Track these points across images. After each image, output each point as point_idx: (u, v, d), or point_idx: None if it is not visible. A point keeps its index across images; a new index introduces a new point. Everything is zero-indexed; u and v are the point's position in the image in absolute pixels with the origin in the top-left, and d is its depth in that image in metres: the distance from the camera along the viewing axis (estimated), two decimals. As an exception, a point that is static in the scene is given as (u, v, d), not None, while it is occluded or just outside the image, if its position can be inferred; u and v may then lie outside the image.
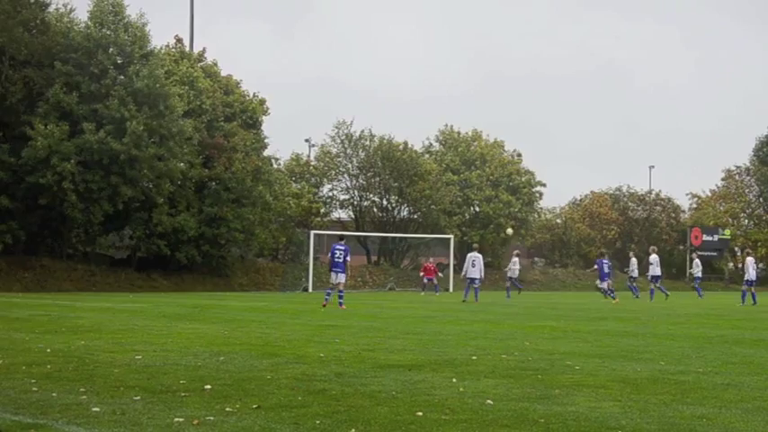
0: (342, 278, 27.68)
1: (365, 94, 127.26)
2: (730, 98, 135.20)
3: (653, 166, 77.71)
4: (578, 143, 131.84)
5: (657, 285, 39.23)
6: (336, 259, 27.76)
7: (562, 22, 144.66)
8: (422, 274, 47.82)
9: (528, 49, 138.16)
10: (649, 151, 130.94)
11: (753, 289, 33.78)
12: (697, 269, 43.62)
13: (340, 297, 27.34)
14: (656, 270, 39.04)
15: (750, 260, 34.66)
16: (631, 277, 41.96)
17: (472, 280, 34.78)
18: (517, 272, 44.82)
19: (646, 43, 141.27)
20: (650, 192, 72.58)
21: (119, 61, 42.99)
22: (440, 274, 48.59)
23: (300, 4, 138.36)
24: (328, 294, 28.13)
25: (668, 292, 40.60)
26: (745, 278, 33.97)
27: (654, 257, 39.50)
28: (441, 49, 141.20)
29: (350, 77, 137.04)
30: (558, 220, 68.08)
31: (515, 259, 44.82)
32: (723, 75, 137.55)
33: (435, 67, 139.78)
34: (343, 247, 28.09)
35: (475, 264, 34.76)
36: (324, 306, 27.05)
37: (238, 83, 51.09)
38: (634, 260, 42.35)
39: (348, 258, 27.91)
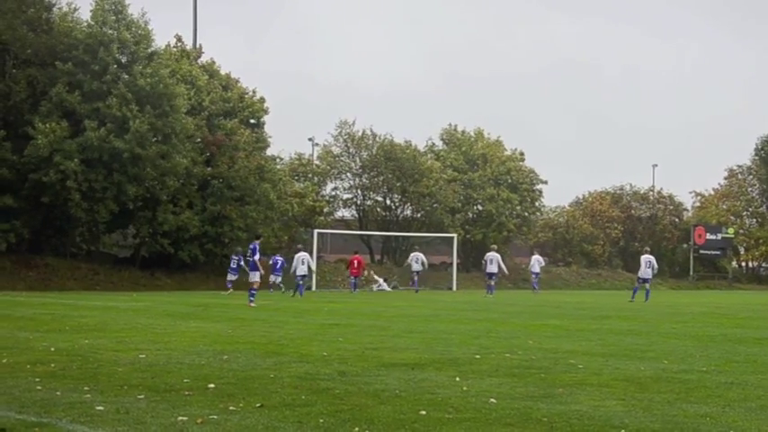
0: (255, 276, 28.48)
1: (361, 93, 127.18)
2: (733, 97, 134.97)
3: (656, 165, 77.64)
4: (580, 142, 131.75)
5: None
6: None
7: (560, 19, 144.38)
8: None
9: (524, 47, 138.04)
10: (653, 150, 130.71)
11: None
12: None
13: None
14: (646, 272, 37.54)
15: None
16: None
17: (490, 276, 39.50)
18: (537, 267, 45.63)
19: (649, 41, 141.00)
20: (652, 190, 72.55)
21: (122, 60, 43.01)
22: (365, 273, 48.60)
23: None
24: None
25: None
26: None
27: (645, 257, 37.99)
28: (434, 48, 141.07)
29: (336, 76, 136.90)
30: (561, 219, 68.03)
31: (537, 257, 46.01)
32: (726, 73, 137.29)
33: (435, 66, 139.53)
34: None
35: (492, 261, 39.60)
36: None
37: (237, 80, 51.11)
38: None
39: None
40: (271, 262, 41.70)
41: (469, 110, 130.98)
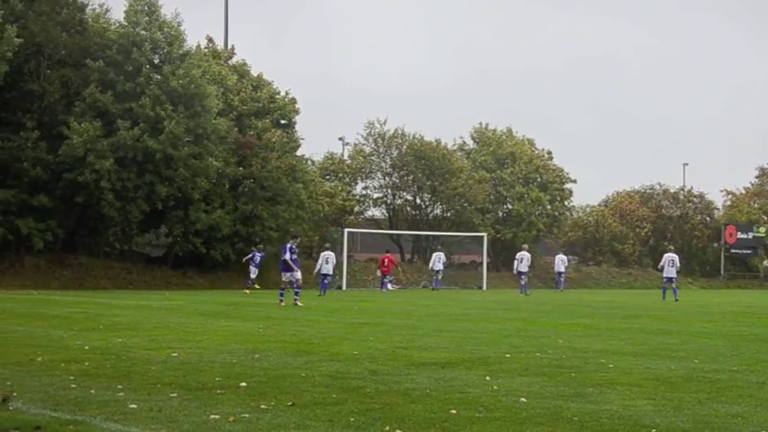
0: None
1: (383, 93, 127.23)
2: (763, 95, 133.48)
3: (687, 164, 77.03)
4: (611, 141, 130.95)
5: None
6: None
7: (583, 13, 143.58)
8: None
9: (546, 43, 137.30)
10: (683, 149, 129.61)
11: None
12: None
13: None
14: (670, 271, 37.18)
15: None
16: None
17: (520, 275, 40.97)
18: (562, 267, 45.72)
19: (677, 38, 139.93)
20: (683, 189, 71.99)
21: (155, 61, 43.32)
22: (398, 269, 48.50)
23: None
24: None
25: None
26: None
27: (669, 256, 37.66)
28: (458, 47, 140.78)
29: (360, 77, 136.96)
30: (591, 218, 67.67)
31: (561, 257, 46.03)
32: (757, 71, 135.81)
33: (462, 64, 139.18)
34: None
35: (522, 260, 41.18)
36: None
37: (269, 82, 51.28)
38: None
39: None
40: (250, 256, 41.86)
41: (495, 107, 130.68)
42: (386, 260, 45.85)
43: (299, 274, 27.81)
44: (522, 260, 41.48)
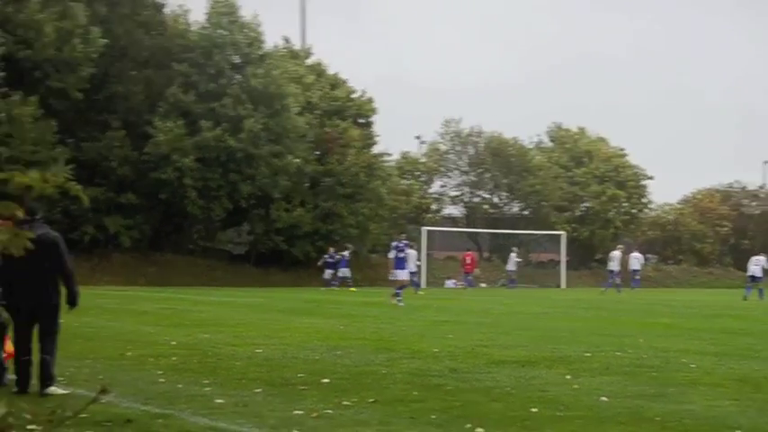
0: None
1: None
2: None
3: (767, 162, 75.15)
4: (689, 138, 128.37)
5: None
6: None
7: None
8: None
9: (613, 34, 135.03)
10: (763, 147, 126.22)
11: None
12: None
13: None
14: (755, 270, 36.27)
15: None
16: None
17: (611, 273, 41.32)
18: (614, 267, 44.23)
19: (759, 30, 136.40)
20: (763, 186, 70.37)
21: (235, 61, 43.95)
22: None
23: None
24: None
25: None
26: None
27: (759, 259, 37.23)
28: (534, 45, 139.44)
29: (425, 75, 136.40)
30: (670, 217, 66.60)
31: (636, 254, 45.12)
32: None
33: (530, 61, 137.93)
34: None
35: (612, 259, 41.77)
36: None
37: (345, 81, 51.62)
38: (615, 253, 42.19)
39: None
40: (337, 256, 42.16)
41: (568, 102, 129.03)
42: (468, 258, 45.92)
43: (403, 274, 27.02)
44: (613, 259, 41.80)
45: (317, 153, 46.88)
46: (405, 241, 27.52)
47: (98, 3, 41.46)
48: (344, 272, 41.97)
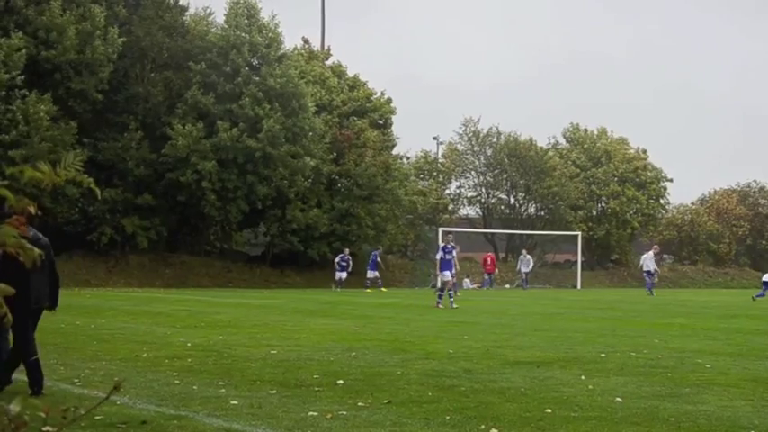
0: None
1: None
2: None
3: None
4: (708, 138, 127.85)
5: None
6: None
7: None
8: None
9: (632, 37, 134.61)
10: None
11: None
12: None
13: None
14: None
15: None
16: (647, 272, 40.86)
17: (647, 274, 40.69)
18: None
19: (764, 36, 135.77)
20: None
21: (254, 62, 44.05)
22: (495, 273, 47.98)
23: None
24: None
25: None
26: None
27: None
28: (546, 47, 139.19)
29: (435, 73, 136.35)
30: (686, 217, 66.35)
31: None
32: None
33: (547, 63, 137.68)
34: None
35: (644, 260, 41.28)
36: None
37: (365, 82, 51.70)
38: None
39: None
40: (338, 259, 42.35)
41: (587, 101, 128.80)
42: (488, 258, 46.07)
43: (447, 276, 26.10)
44: (644, 260, 41.62)
45: (334, 154, 46.96)
46: (452, 243, 27.11)
47: (118, 5, 41.69)
48: (373, 273, 42.05)
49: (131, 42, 40.72)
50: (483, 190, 58.99)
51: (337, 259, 42.73)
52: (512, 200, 59.15)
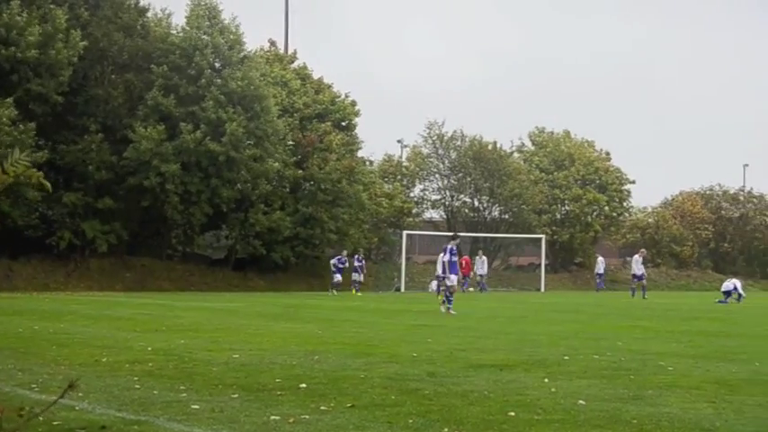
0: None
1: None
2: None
3: (747, 165, 75.69)
4: (671, 142, 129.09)
5: None
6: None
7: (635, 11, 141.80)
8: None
9: (591, 44, 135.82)
10: (743, 150, 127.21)
11: None
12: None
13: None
14: None
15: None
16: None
17: (634, 277, 40.60)
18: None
19: (734, 36, 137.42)
20: (743, 190, 70.83)
21: (216, 65, 43.85)
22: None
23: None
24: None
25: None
26: None
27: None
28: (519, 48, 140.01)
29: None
30: (650, 220, 66.94)
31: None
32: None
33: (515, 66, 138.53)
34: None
35: (634, 263, 40.80)
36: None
37: (330, 85, 51.65)
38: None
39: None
40: (335, 261, 42.12)
41: (554, 108, 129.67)
42: (463, 261, 46.30)
43: (453, 280, 25.15)
44: (634, 263, 41.13)
45: (299, 156, 46.85)
46: (457, 245, 26.36)
47: (79, 7, 41.26)
48: (357, 276, 42.04)
49: (91, 44, 40.30)
50: (447, 193, 59.13)
51: (334, 261, 42.30)
52: (476, 203, 59.34)
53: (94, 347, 13.62)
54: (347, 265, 42.54)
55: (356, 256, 43.11)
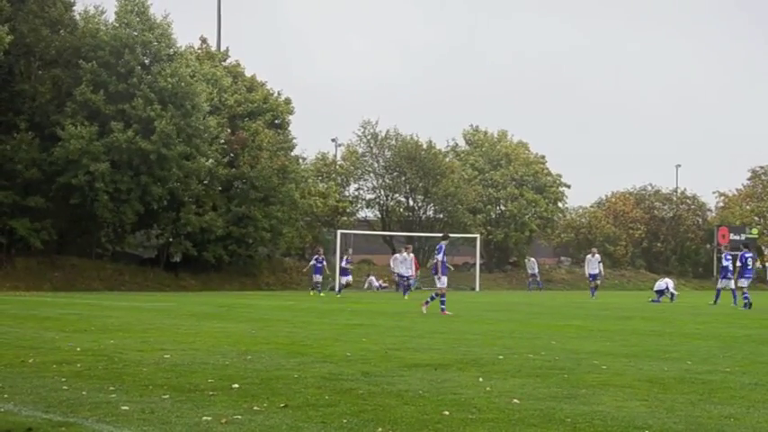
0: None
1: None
2: (757, 97, 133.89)
3: (679, 166, 77.24)
4: (605, 144, 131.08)
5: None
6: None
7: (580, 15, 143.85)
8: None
9: (540, 46, 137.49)
10: (676, 151, 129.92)
11: None
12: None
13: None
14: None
15: None
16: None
17: (593, 276, 40.47)
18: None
19: (666, 42, 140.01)
20: (676, 190, 72.17)
21: (145, 61, 43.30)
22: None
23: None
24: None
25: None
26: None
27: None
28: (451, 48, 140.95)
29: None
30: (583, 220, 67.83)
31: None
32: (750, 74, 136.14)
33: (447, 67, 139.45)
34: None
35: (591, 262, 40.83)
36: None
37: (263, 83, 51.34)
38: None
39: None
40: (314, 262, 40.95)
41: (487, 109, 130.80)
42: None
43: (443, 281, 24.88)
44: (589, 263, 41.09)
45: (231, 155, 46.49)
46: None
47: (1, 0, 40.39)
48: (317, 277, 40.59)
49: (16, 38, 39.45)
50: (382, 192, 59.18)
51: (313, 262, 40.62)
52: (410, 202, 59.50)
53: (20, 348, 13.31)
54: (325, 263, 41.22)
55: (315, 256, 41.95)
